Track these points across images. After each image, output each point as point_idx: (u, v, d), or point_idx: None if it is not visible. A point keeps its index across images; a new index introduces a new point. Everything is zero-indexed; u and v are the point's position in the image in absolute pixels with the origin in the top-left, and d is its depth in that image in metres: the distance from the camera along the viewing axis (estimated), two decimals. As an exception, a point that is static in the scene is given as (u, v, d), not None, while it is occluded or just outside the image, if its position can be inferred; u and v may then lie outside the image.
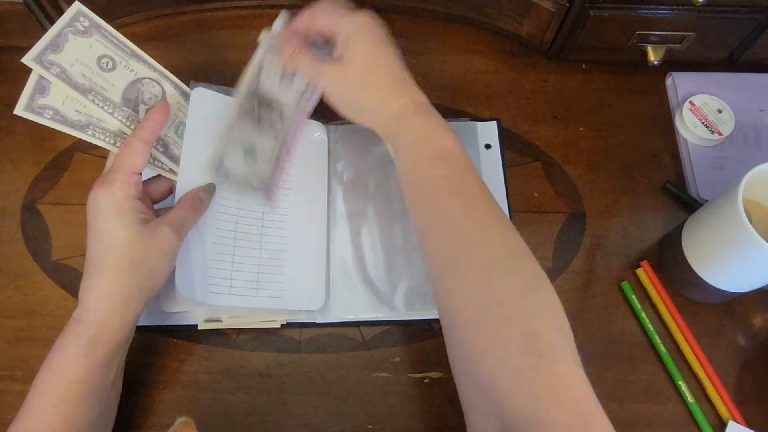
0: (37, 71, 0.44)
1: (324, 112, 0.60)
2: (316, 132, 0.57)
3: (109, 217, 0.42)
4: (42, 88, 0.44)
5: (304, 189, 0.55)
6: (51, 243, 0.54)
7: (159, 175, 0.49)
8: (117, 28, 0.63)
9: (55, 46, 0.44)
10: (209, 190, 0.48)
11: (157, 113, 0.46)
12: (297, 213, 0.54)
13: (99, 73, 0.45)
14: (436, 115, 0.45)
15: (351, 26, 0.46)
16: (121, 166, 0.43)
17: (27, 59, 0.43)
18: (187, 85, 0.51)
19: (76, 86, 0.44)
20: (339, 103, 0.47)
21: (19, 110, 0.44)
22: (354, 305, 0.52)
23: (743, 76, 0.63)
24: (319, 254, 0.53)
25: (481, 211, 0.41)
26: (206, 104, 0.50)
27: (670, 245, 0.54)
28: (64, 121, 0.45)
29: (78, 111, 0.45)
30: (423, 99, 0.46)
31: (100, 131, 0.46)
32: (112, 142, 0.46)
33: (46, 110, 0.44)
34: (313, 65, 0.47)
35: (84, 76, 0.45)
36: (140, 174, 0.45)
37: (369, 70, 0.46)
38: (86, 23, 0.45)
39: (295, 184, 0.55)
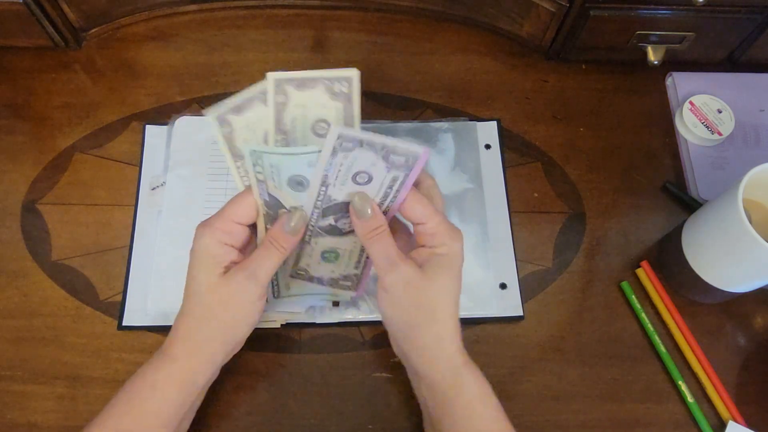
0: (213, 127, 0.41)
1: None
2: None
3: (197, 262, 0.42)
4: (239, 109, 0.42)
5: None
6: (51, 243, 0.54)
7: None
8: (117, 28, 0.64)
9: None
10: (294, 216, 0.42)
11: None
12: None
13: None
14: (480, 373, 0.43)
15: (452, 245, 0.42)
16: (222, 213, 0.43)
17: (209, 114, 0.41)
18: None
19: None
20: (397, 314, 0.42)
21: (211, 115, 0.41)
22: (354, 305, 0.52)
23: (743, 76, 0.63)
24: None
25: None
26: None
27: (670, 245, 0.54)
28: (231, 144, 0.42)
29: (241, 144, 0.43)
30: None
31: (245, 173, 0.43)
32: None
33: (226, 125, 0.42)
34: (395, 255, 0.41)
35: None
36: (247, 226, 0.43)
37: (447, 301, 0.42)
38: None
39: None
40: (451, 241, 0.42)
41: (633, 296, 0.54)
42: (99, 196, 0.56)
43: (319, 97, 0.40)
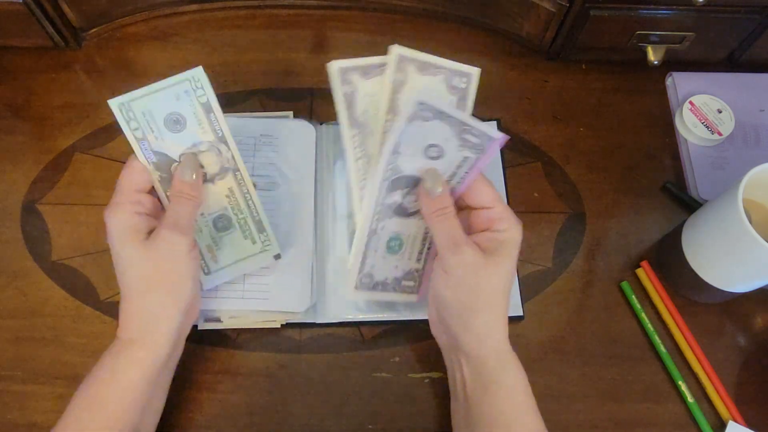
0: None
1: (318, 110, 0.61)
2: (304, 132, 0.57)
3: (117, 238, 0.42)
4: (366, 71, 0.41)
5: (290, 190, 0.55)
6: (51, 243, 0.54)
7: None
8: (117, 28, 0.64)
9: None
10: (186, 165, 0.43)
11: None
12: (283, 214, 0.54)
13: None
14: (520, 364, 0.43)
15: (516, 231, 0.42)
16: (120, 187, 0.43)
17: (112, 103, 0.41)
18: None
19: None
20: (455, 295, 0.42)
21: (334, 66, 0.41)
22: (354, 305, 0.52)
23: (743, 76, 0.63)
24: (306, 256, 0.53)
25: None
26: None
27: (670, 245, 0.54)
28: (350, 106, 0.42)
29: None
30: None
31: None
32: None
33: (348, 85, 0.42)
34: (460, 237, 0.41)
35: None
36: (148, 192, 0.44)
37: (505, 286, 0.42)
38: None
39: (282, 186, 0.55)
40: (516, 227, 0.42)
41: (633, 296, 0.54)
42: (99, 196, 0.56)
43: (437, 86, 0.40)
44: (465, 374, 0.43)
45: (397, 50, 0.39)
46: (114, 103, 0.40)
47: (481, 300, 0.42)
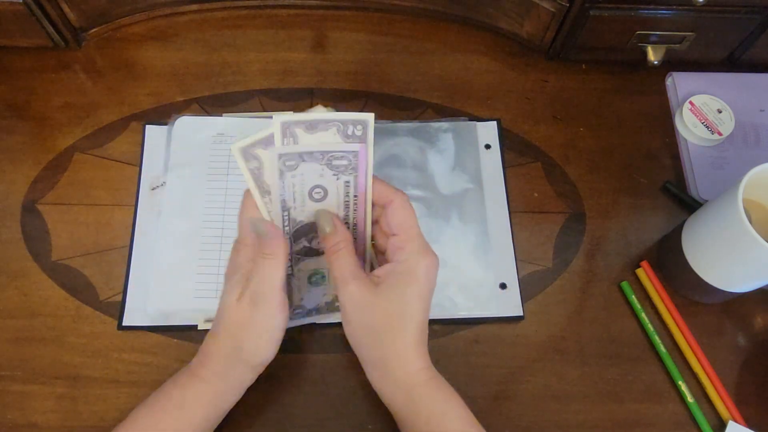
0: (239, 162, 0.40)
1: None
2: None
3: (226, 279, 0.43)
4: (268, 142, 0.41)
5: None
6: (51, 243, 0.54)
7: None
8: (117, 28, 0.64)
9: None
10: (257, 227, 0.42)
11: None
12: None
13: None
14: (445, 389, 0.43)
15: (415, 260, 0.41)
16: (243, 229, 0.43)
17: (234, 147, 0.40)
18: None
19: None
20: (349, 331, 0.43)
21: (235, 148, 0.40)
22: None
23: (743, 76, 0.63)
24: None
25: None
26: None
27: (670, 245, 0.54)
28: (258, 179, 0.41)
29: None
30: (430, 366, 0.43)
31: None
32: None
33: (254, 161, 0.41)
34: (348, 272, 0.41)
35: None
36: None
37: (399, 320, 0.41)
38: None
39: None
40: (416, 260, 0.41)
41: (633, 296, 0.54)
42: (99, 196, 0.56)
43: (332, 139, 0.40)
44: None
45: (278, 119, 0.38)
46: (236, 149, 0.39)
47: (371, 336, 0.42)
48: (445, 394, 0.42)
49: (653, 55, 0.60)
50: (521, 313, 0.53)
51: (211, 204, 0.55)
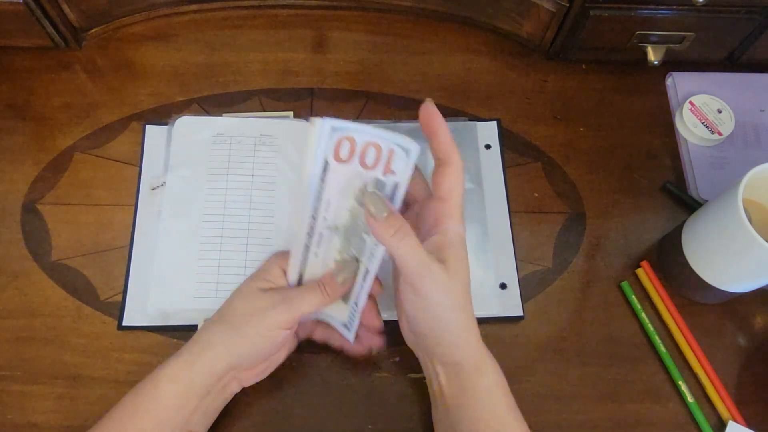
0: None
1: (318, 110, 0.61)
2: (304, 132, 0.57)
3: (252, 275, 0.45)
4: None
5: (290, 190, 0.55)
6: (51, 243, 0.54)
7: None
8: (117, 28, 0.64)
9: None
10: (346, 269, 0.43)
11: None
12: (281, 215, 0.54)
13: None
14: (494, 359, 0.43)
15: (456, 223, 0.41)
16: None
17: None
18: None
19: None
20: (428, 315, 0.41)
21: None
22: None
23: (743, 76, 0.63)
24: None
25: None
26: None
27: (670, 245, 0.54)
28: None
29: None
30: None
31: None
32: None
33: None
34: (425, 255, 0.39)
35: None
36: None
37: (467, 290, 0.41)
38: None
39: (282, 186, 0.55)
40: (461, 228, 0.41)
41: (633, 296, 0.54)
42: (99, 196, 0.56)
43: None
44: (442, 381, 0.43)
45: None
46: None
47: (452, 313, 0.41)
48: (499, 369, 0.43)
49: (653, 55, 0.60)
50: (521, 313, 0.53)
51: (210, 204, 0.54)
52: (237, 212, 0.54)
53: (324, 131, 0.36)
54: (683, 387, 0.50)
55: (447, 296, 0.40)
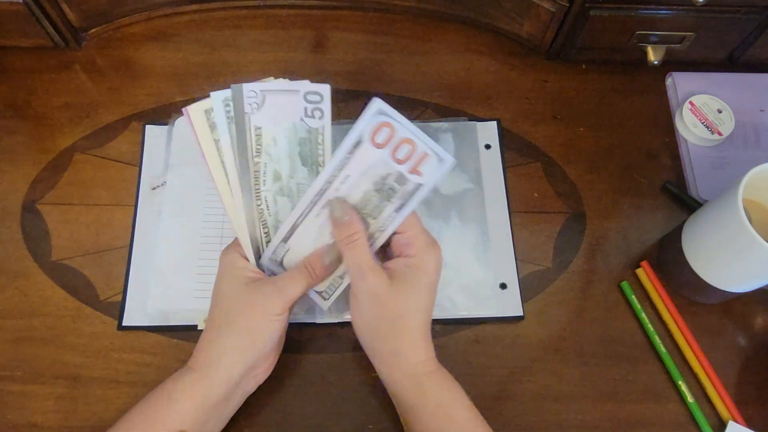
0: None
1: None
2: None
3: (222, 277, 0.44)
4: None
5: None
6: (51, 243, 0.54)
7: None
8: (117, 28, 0.64)
9: None
10: (333, 252, 0.44)
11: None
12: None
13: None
14: (450, 379, 0.44)
15: (427, 256, 0.43)
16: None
17: None
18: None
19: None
20: (363, 322, 0.43)
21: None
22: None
23: (743, 76, 0.63)
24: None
25: None
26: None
27: (670, 245, 0.54)
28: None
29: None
30: (434, 357, 0.44)
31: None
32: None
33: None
34: (365, 264, 0.42)
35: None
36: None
37: (415, 312, 0.42)
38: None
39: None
40: (426, 253, 0.43)
41: (633, 296, 0.54)
42: (99, 196, 0.56)
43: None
44: (392, 398, 0.44)
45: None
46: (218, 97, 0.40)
47: (386, 326, 0.42)
48: (451, 384, 0.43)
49: (653, 55, 0.60)
50: (521, 313, 0.53)
51: (211, 204, 0.55)
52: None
53: (371, 110, 0.38)
54: (683, 387, 0.50)
55: (378, 306, 0.42)
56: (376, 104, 0.38)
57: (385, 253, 0.46)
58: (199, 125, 0.41)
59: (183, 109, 0.41)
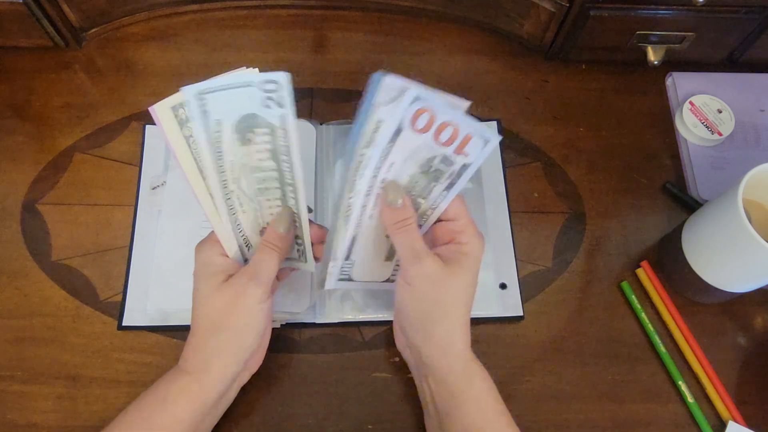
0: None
1: (318, 110, 0.61)
2: (304, 132, 0.57)
3: (198, 276, 0.43)
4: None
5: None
6: (51, 243, 0.54)
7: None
8: (117, 28, 0.64)
9: None
10: (283, 219, 0.44)
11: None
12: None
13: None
14: (482, 366, 0.44)
15: (476, 245, 0.43)
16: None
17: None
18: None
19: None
20: (415, 306, 0.42)
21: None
22: (354, 305, 0.52)
23: (743, 76, 0.63)
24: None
25: None
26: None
27: (670, 245, 0.54)
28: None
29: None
30: None
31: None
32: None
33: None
34: (421, 248, 0.41)
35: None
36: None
37: (465, 297, 0.42)
38: None
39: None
40: (477, 240, 0.43)
41: (633, 296, 0.54)
42: (99, 196, 0.56)
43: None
44: (432, 386, 0.43)
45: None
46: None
47: (441, 310, 0.42)
48: (487, 374, 0.44)
49: (653, 55, 0.60)
50: (521, 313, 0.53)
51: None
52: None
53: (407, 98, 0.37)
54: (683, 387, 0.50)
55: (434, 289, 0.41)
56: (413, 91, 0.37)
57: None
58: (168, 124, 0.41)
59: (149, 108, 0.40)
